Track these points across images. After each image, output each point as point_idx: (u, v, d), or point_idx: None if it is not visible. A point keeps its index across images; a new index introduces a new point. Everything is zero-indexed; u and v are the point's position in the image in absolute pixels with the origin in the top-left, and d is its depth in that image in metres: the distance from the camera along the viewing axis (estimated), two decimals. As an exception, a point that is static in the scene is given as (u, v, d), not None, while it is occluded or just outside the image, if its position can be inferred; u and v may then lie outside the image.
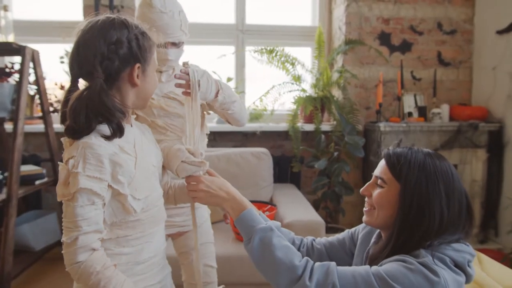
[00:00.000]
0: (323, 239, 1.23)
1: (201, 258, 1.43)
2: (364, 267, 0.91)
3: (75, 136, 0.87)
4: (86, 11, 2.91)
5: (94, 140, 0.85)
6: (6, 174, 2.26)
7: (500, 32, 2.93)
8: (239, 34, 3.30)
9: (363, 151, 2.82)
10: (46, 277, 2.46)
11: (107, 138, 0.88)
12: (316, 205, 2.84)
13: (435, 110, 3.01)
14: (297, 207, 2.27)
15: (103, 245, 0.91)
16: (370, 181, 1.04)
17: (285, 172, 3.10)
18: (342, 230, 1.85)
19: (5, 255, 2.01)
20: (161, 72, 1.38)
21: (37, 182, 2.38)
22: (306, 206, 2.32)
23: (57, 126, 2.75)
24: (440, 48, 3.21)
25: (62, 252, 0.85)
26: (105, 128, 0.88)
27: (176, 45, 1.36)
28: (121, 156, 0.89)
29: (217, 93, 1.28)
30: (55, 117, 2.75)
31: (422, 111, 3.09)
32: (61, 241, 0.86)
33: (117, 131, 0.89)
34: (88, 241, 0.84)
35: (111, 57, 0.89)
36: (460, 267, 0.91)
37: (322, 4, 3.37)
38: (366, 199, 1.05)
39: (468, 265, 0.93)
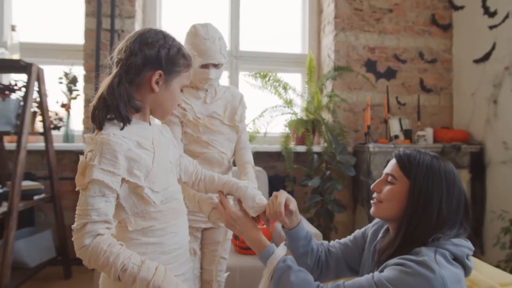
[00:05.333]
0: (337, 243, 1.32)
1: (220, 251, 1.63)
2: (366, 277, 0.99)
3: (93, 120, 0.96)
4: (88, 34, 3.02)
5: (112, 137, 0.92)
6: (5, 188, 2.27)
7: (476, 61, 3.17)
8: (233, 59, 3.45)
9: (354, 170, 2.94)
10: (39, 296, 2.43)
11: (122, 128, 0.96)
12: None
13: (420, 133, 3.17)
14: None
15: (132, 236, 0.98)
16: (381, 178, 1.15)
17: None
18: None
19: (4, 268, 2.00)
20: (206, 91, 1.61)
21: (36, 198, 2.39)
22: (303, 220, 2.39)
23: (56, 144, 2.79)
24: (422, 75, 3.42)
25: (72, 239, 0.91)
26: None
27: (216, 66, 1.57)
28: (136, 151, 0.96)
29: None
30: (54, 135, 2.79)
31: (408, 134, 3.25)
32: (72, 227, 0.92)
33: (119, 118, 0.96)
34: (95, 228, 0.88)
35: (138, 54, 0.98)
36: (459, 260, 1.00)
37: (312, 33, 3.59)
38: (374, 194, 1.15)
39: (467, 258, 1.02)
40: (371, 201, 1.15)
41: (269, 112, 3.26)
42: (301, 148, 3.15)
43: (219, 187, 1.20)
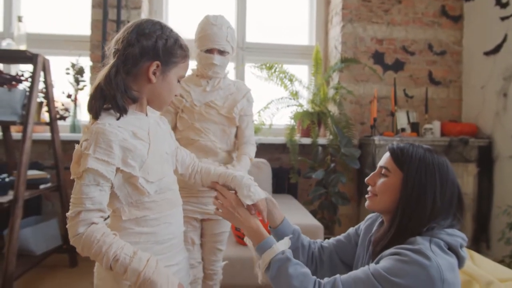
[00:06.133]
0: (331, 239, 1.33)
1: (216, 242, 1.71)
2: (363, 269, 0.99)
3: (89, 109, 0.96)
4: (94, 25, 3.04)
5: (107, 127, 0.92)
6: (12, 177, 2.31)
7: (487, 53, 3.10)
8: (239, 51, 3.44)
9: (359, 163, 2.92)
10: (45, 283, 2.47)
11: (118, 119, 0.96)
12: (313, 216, 2.90)
13: (427, 126, 3.13)
14: (295, 213, 2.35)
15: (125, 225, 0.99)
16: (375, 171, 1.15)
17: (282, 183, 3.18)
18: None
19: (9, 255, 2.04)
20: (208, 79, 1.63)
21: (42, 187, 2.43)
22: (304, 212, 2.39)
23: (63, 134, 2.82)
24: (431, 67, 3.37)
25: (67, 226, 0.92)
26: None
27: (222, 53, 1.60)
28: (131, 141, 0.96)
29: None
30: (61, 125, 2.82)
31: (415, 127, 3.21)
32: (66, 215, 0.92)
33: (116, 108, 0.95)
34: (89, 217, 0.90)
35: (135, 44, 0.98)
36: (453, 249, 1.00)
37: (319, 24, 3.55)
38: (369, 188, 1.15)
39: (461, 248, 1.02)
40: (366, 195, 1.15)
41: (275, 104, 3.25)
42: (307, 140, 3.13)
43: (214, 179, 1.20)
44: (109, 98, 0.96)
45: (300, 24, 3.63)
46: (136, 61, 0.98)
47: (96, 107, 0.95)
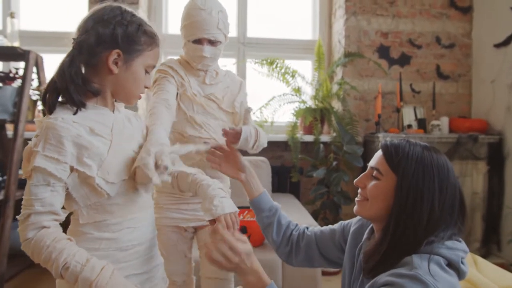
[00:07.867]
0: (316, 228, 1.24)
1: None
2: None
3: (43, 104, 0.90)
4: (91, 21, 2.99)
5: (59, 122, 0.85)
6: (5, 177, 2.28)
7: (497, 46, 2.96)
8: (240, 46, 3.36)
9: (362, 161, 2.82)
10: (39, 285, 2.43)
11: (75, 113, 0.89)
12: (315, 216, 2.82)
13: (435, 122, 3.01)
14: (294, 213, 2.26)
15: (83, 229, 0.91)
16: (365, 172, 1.02)
17: (284, 182, 3.09)
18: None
19: (0, 256, 2.00)
20: (205, 72, 1.44)
21: (36, 186, 2.39)
22: (303, 212, 2.32)
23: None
24: (439, 61, 3.24)
25: (18, 230, 0.85)
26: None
27: (213, 43, 1.39)
28: (87, 138, 0.88)
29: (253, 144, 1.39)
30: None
31: (422, 123, 3.09)
32: (17, 218, 0.86)
33: (71, 102, 0.88)
34: (39, 220, 0.83)
35: (90, 32, 0.90)
36: (453, 265, 0.89)
37: (322, 18, 3.44)
38: (359, 190, 1.03)
39: (462, 262, 0.90)
40: (356, 199, 1.03)
41: (277, 101, 3.15)
42: (309, 138, 3.04)
43: (187, 184, 1.11)
44: (62, 91, 0.88)
45: (303, 18, 3.53)
46: (91, 50, 0.90)
47: (50, 101, 0.88)
